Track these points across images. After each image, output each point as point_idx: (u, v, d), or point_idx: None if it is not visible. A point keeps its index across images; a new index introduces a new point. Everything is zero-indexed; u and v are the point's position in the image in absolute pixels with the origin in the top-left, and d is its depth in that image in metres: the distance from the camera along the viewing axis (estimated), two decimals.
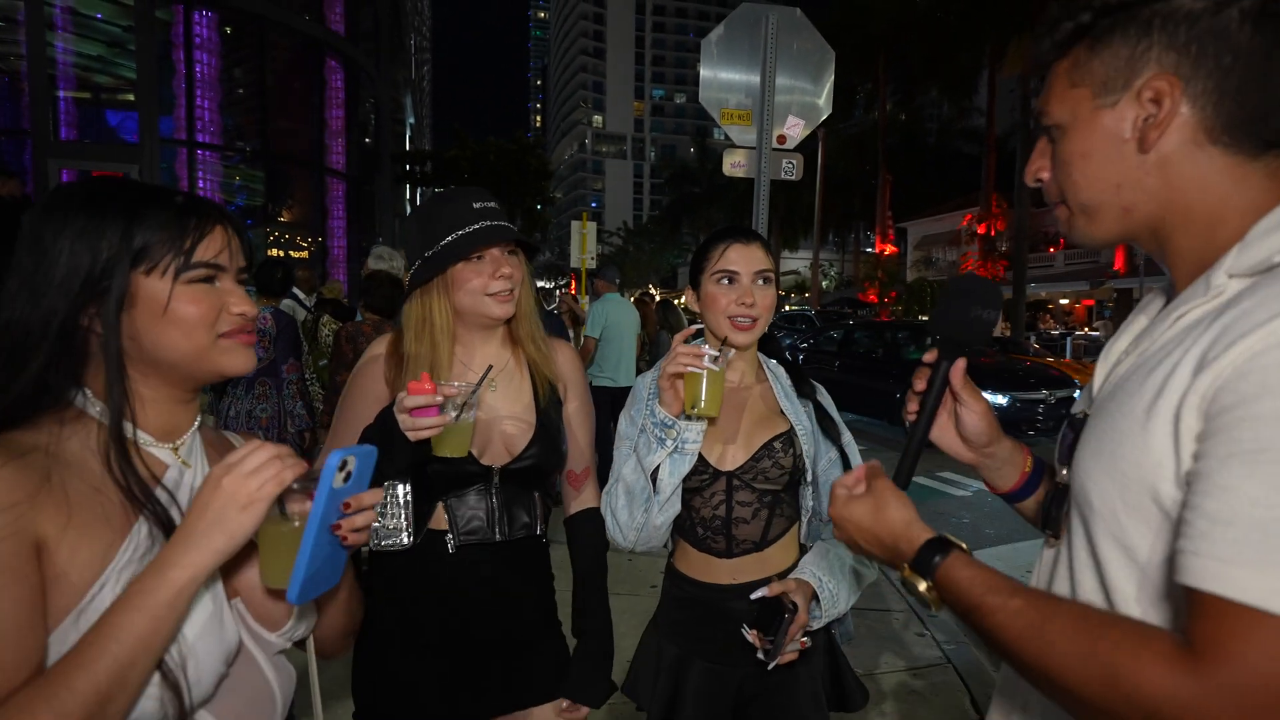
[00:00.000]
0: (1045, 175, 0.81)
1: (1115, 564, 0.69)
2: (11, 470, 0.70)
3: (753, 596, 1.33)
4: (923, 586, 0.75)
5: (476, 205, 1.36)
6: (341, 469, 0.76)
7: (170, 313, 0.79)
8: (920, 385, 0.90)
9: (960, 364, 0.88)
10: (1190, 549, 0.57)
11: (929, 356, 0.90)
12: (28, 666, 0.67)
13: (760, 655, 1.30)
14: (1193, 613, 0.57)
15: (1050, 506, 0.83)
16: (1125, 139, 0.72)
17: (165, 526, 0.77)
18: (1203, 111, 0.68)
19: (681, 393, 1.29)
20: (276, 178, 12.45)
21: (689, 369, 1.26)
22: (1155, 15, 0.69)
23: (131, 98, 10.30)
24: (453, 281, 1.36)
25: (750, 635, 1.30)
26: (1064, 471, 0.82)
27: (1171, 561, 0.61)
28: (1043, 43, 0.78)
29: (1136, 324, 0.81)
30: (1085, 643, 0.60)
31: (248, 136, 12.13)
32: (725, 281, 1.43)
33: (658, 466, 1.35)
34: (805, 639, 1.32)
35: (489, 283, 1.35)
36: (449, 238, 1.34)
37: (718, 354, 1.26)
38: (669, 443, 1.33)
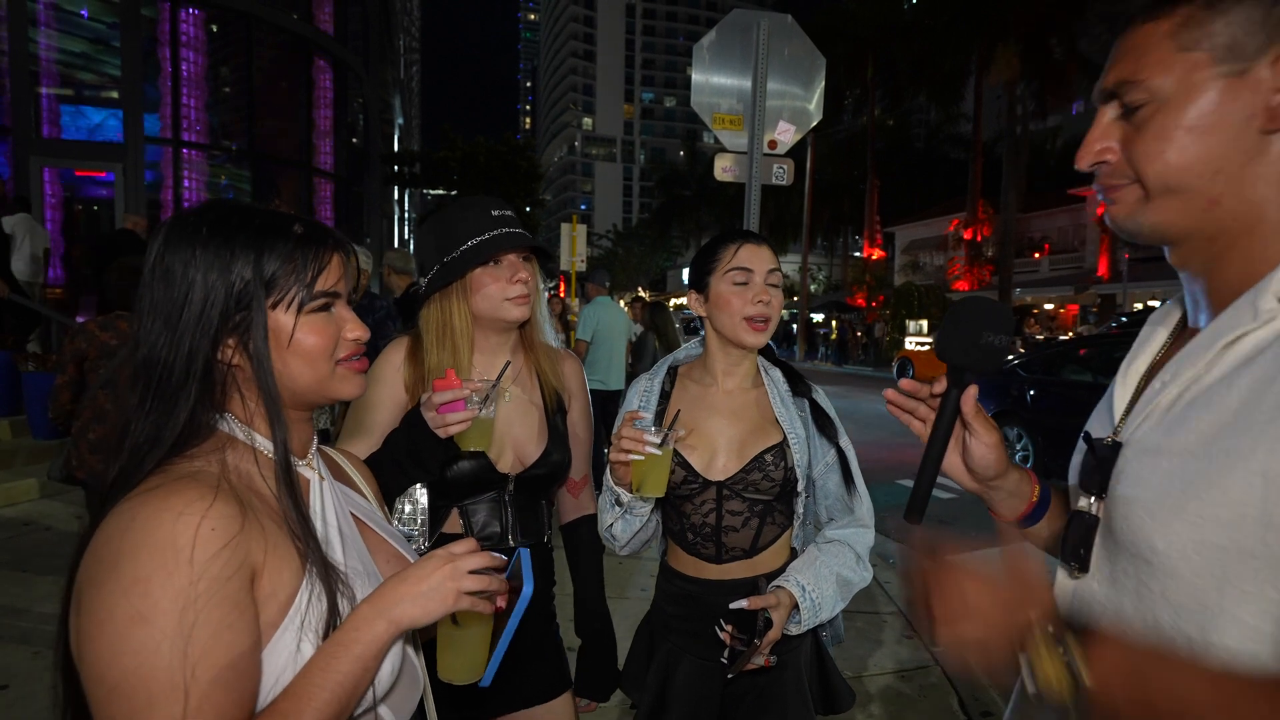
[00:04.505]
0: (1112, 156, 0.68)
1: (1186, 611, 0.62)
2: (222, 504, 0.71)
3: (731, 606, 1.32)
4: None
5: (495, 213, 1.40)
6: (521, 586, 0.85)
7: (295, 344, 0.81)
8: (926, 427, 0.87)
9: (971, 391, 0.83)
10: None
11: (938, 387, 0.85)
12: (255, 697, 0.71)
13: (723, 658, 1.30)
14: None
15: (1075, 537, 0.76)
16: (1250, 115, 0.60)
17: (327, 566, 0.81)
18: None
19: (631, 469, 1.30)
20: (263, 178, 12.28)
21: (630, 457, 1.26)
22: None
23: (116, 95, 10.15)
24: (471, 286, 1.39)
25: (723, 634, 1.31)
26: (1089, 500, 0.75)
27: None
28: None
29: (1155, 339, 0.75)
30: None
31: (234, 136, 11.97)
32: (740, 281, 1.42)
33: (611, 523, 1.42)
34: (771, 657, 1.31)
35: (507, 287, 1.38)
36: (468, 243, 1.36)
37: (661, 440, 1.25)
38: (618, 509, 1.39)
